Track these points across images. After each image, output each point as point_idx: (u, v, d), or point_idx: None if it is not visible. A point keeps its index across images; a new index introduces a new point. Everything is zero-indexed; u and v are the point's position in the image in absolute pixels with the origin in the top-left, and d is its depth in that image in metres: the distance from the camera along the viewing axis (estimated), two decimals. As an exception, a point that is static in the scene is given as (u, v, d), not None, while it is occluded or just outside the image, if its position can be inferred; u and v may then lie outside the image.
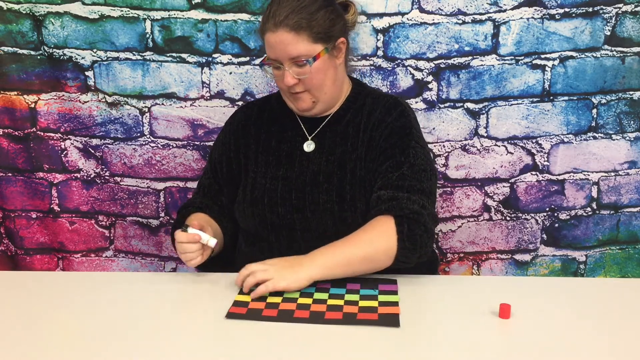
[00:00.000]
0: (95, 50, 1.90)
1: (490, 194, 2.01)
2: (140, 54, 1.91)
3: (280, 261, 1.37)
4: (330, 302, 1.29)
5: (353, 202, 1.50)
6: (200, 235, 1.42)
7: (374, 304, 1.28)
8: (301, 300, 1.30)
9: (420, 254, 1.41)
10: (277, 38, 1.42)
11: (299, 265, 1.34)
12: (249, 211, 1.55)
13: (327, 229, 1.50)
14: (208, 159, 1.70)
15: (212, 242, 1.43)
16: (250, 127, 1.63)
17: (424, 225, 1.39)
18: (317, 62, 1.45)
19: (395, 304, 1.28)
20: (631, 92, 1.95)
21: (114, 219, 2.05)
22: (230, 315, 1.24)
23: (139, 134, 1.97)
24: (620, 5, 1.86)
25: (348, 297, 1.32)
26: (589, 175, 2.00)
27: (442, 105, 1.93)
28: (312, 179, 1.53)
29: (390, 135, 1.51)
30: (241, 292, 1.35)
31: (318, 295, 1.33)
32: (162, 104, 1.95)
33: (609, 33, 1.88)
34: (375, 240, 1.38)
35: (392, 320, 1.21)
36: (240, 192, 1.60)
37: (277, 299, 1.31)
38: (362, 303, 1.29)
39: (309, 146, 1.56)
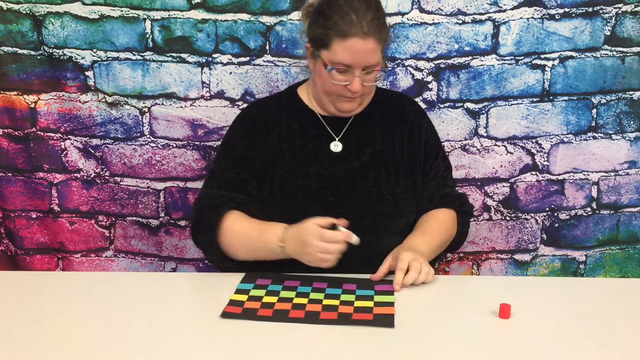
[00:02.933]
0: (95, 50, 1.90)
1: (490, 194, 2.01)
2: (140, 54, 1.91)
3: (415, 253, 1.43)
4: (326, 302, 1.29)
5: (393, 196, 1.56)
6: (352, 235, 1.35)
7: (370, 304, 1.28)
8: (297, 300, 1.30)
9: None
10: (365, 46, 1.43)
11: (422, 254, 1.45)
12: (280, 208, 1.54)
13: (363, 223, 1.51)
14: (225, 155, 1.62)
15: (355, 239, 1.34)
16: (270, 123, 1.61)
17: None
18: (381, 71, 1.52)
19: (391, 304, 1.28)
20: (631, 92, 1.95)
21: (114, 219, 2.04)
22: (225, 315, 1.24)
23: (139, 134, 1.97)
24: (620, 5, 1.86)
25: (344, 297, 1.32)
26: (588, 175, 2.00)
27: (442, 105, 1.93)
28: (346, 176, 1.56)
29: (430, 137, 1.66)
30: (238, 292, 1.35)
31: (314, 295, 1.33)
32: (162, 104, 1.95)
33: (609, 33, 1.88)
34: (452, 231, 1.62)
35: (387, 321, 1.20)
36: (267, 189, 1.57)
37: (273, 299, 1.31)
38: (358, 303, 1.28)
39: (336, 147, 1.58)
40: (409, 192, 1.59)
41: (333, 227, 1.36)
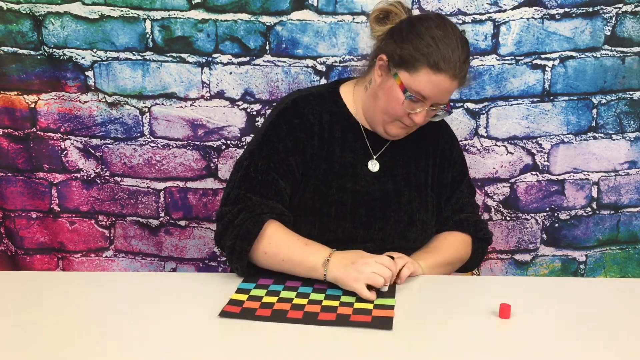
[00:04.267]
0: (95, 50, 1.90)
1: (490, 194, 2.01)
2: (140, 54, 1.91)
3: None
4: (326, 303, 1.29)
5: (422, 223, 1.54)
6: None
7: (369, 306, 1.27)
8: (296, 301, 1.30)
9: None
10: (450, 87, 1.40)
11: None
12: (309, 220, 1.48)
13: (388, 244, 1.51)
14: (262, 155, 1.46)
15: (385, 288, 1.33)
16: (315, 126, 1.49)
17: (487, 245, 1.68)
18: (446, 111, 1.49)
19: (391, 307, 1.27)
20: (631, 92, 1.95)
21: (114, 219, 2.04)
22: (223, 314, 1.24)
23: (139, 134, 1.97)
24: (620, 5, 1.86)
25: (344, 298, 1.31)
26: (589, 175, 2.00)
27: (442, 105, 1.93)
28: (382, 197, 1.51)
29: (457, 163, 1.65)
30: (238, 291, 1.35)
31: (314, 296, 1.32)
32: (162, 104, 1.95)
33: (609, 33, 1.88)
34: (462, 254, 1.60)
35: (384, 323, 1.20)
36: (298, 197, 1.49)
37: (273, 299, 1.31)
38: (357, 305, 1.28)
39: (374, 166, 1.53)
40: (434, 217, 1.58)
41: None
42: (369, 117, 1.51)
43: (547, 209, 2.02)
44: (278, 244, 1.40)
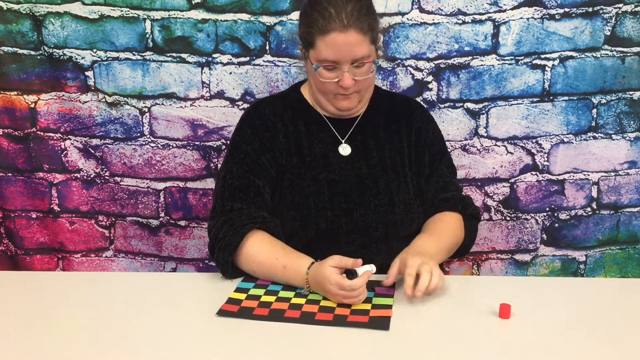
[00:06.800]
0: (95, 50, 1.90)
1: (490, 194, 2.01)
2: (140, 54, 1.91)
3: (422, 256, 1.37)
4: (323, 303, 1.30)
5: (404, 204, 1.55)
6: (370, 270, 1.32)
7: (367, 306, 1.28)
8: (294, 300, 1.30)
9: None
10: (346, 39, 1.41)
11: (430, 257, 1.38)
12: (290, 215, 1.51)
13: (373, 230, 1.52)
14: (235, 161, 1.54)
15: (373, 268, 1.33)
16: (278, 124, 1.57)
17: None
18: (372, 63, 1.48)
19: (389, 307, 1.28)
20: (631, 92, 1.95)
21: (114, 219, 2.04)
22: (221, 313, 1.24)
23: (139, 134, 1.97)
24: (620, 5, 1.86)
25: None
26: (589, 175, 2.00)
27: (442, 105, 1.93)
28: (358, 183, 1.54)
29: (435, 142, 1.65)
30: (237, 290, 1.35)
31: (312, 296, 1.33)
32: (162, 104, 1.95)
33: (609, 33, 1.88)
34: (460, 234, 1.59)
35: (382, 323, 1.20)
36: (277, 194, 1.53)
37: (271, 298, 1.31)
38: (355, 305, 1.28)
39: (344, 150, 1.56)
40: (417, 198, 1.59)
41: (354, 275, 1.29)
42: (318, 103, 1.58)
43: (547, 209, 2.02)
44: (261, 264, 1.43)
